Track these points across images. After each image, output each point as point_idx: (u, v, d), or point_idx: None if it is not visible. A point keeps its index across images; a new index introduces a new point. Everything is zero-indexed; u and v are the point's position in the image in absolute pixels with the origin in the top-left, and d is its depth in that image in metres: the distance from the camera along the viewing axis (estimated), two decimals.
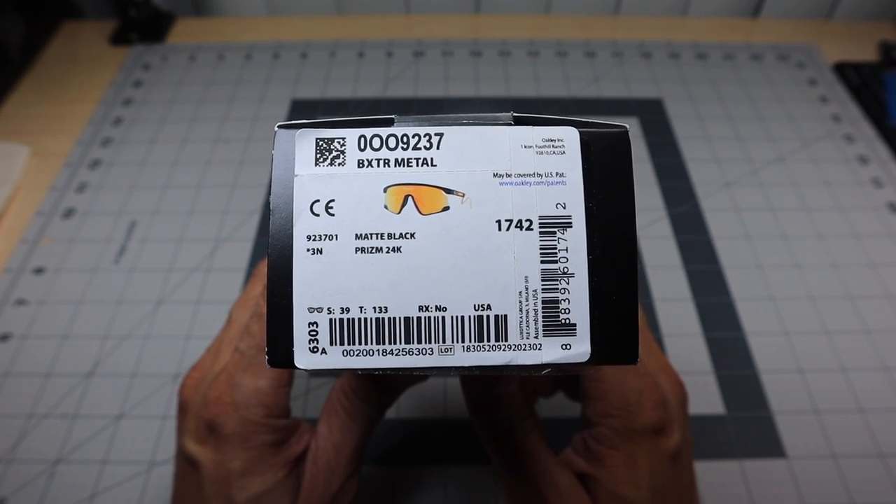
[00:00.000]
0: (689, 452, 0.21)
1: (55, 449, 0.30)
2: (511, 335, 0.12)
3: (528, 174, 0.12)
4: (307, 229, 0.12)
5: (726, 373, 0.33)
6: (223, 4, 0.57)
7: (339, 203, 0.12)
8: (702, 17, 0.57)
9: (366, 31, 0.55)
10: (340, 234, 0.12)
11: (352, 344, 0.12)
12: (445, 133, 0.12)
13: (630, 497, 0.19)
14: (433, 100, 0.48)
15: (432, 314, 0.12)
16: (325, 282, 0.12)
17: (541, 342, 0.12)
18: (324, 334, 0.12)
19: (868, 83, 0.48)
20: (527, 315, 0.12)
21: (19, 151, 0.44)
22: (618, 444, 0.20)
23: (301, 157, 0.12)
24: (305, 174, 0.12)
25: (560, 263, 0.12)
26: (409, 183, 0.12)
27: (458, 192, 0.12)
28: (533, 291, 0.12)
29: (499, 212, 0.12)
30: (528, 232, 0.12)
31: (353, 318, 0.12)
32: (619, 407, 0.20)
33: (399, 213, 0.12)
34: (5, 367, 0.33)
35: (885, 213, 0.40)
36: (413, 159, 0.12)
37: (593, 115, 0.47)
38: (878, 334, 0.34)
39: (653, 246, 0.38)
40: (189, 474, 0.20)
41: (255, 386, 0.19)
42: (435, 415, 0.31)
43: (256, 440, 0.20)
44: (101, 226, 0.40)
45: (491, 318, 0.12)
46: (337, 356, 0.12)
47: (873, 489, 0.29)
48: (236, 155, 0.44)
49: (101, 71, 0.51)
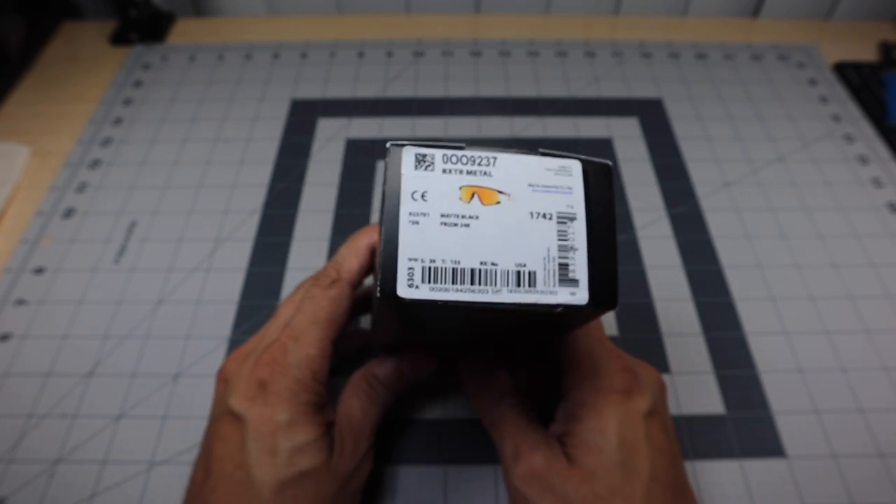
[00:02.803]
0: (670, 430, 0.24)
1: (55, 449, 0.30)
2: (538, 284, 0.18)
3: (550, 186, 0.18)
4: (409, 208, 0.17)
5: (726, 372, 0.33)
6: (223, 4, 0.57)
7: (430, 193, 0.18)
8: (702, 17, 0.57)
9: (366, 31, 0.55)
10: (431, 213, 0.18)
11: (435, 283, 0.17)
12: (499, 157, 0.18)
13: (596, 443, 0.22)
14: (433, 100, 0.48)
15: (488, 267, 0.17)
16: (420, 242, 0.17)
17: (557, 290, 0.18)
18: (417, 276, 0.17)
19: (868, 83, 0.48)
20: (548, 272, 0.18)
21: (19, 151, 0.44)
22: (587, 402, 0.23)
23: (406, 164, 0.18)
24: (409, 174, 0.18)
25: (569, 241, 0.18)
26: (475, 185, 0.18)
27: (507, 192, 0.18)
28: (553, 258, 0.18)
29: (531, 207, 0.18)
30: (549, 221, 0.18)
31: (437, 266, 0.17)
32: (590, 372, 0.23)
33: (469, 202, 0.18)
34: (5, 366, 0.33)
35: (885, 212, 0.40)
36: (478, 170, 0.18)
37: (594, 114, 0.47)
38: (878, 334, 0.34)
39: (653, 246, 0.38)
40: (231, 432, 0.22)
41: (305, 352, 0.23)
42: (435, 415, 0.31)
43: (303, 398, 0.23)
44: (101, 226, 0.40)
45: (525, 272, 0.18)
46: (425, 291, 0.17)
47: (873, 489, 0.29)
48: (236, 155, 0.44)
49: (102, 71, 0.51)
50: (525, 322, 0.20)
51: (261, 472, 0.21)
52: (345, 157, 0.44)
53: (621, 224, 0.39)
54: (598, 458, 0.21)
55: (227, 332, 0.34)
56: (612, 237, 0.18)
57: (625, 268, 0.37)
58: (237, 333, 0.34)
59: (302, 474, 0.22)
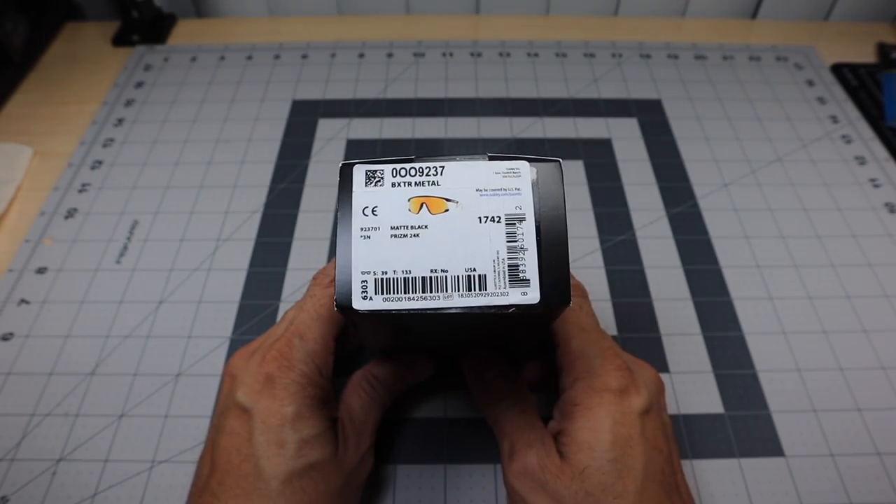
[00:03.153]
0: (667, 428, 0.25)
1: (57, 448, 0.30)
2: (489, 286, 0.18)
3: (497, 189, 0.19)
4: (361, 223, 0.18)
5: (725, 372, 0.33)
6: (224, 6, 0.57)
7: (380, 208, 0.18)
8: (700, 19, 0.57)
9: (366, 32, 0.55)
10: (381, 227, 0.18)
11: (388, 293, 0.18)
12: (446, 166, 0.19)
13: (588, 441, 0.22)
14: (433, 101, 0.48)
15: (438, 274, 0.18)
16: (372, 256, 0.18)
17: (508, 291, 0.18)
18: (371, 288, 0.18)
19: (865, 84, 0.49)
20: (498, 274, 0.18)
21: (22, 152, 0.44)
22: (582, 400, 0.23)
23: (357, 181, 0.19)
24: (360, 191, 0.19)
25: (518, 242, 0.18)
26: (423, 195, 0.18)
27: (455, 200, 0.18)
28: (502, 259, 0.18)
29: (480, 212, 0.18)
30: (498, 224, 0.18)
31: (388, 277, 0.18)
32: (584, 371, 0.23)
33: (418, 213, 0.18)
34: (8, 366, 0.33)
35: (883, 212, 0.40)
36: (426, 181, 0.19)
37: (593, 115, 0.47)
38: (876, 333, 0.34)
39: (651, 246, 0.38)
40: (239, 425, 0.23)
41: (310, 348, 0.24)
42: (435, 414, 0.31)
43: (310, 391, 0.23)
44: (102, 226, 0.40)
45: (475, 276, 0.18)
46: (379, 302, 0.18)
47: (870, 487, 0.29)
48: (237, 155, 0.44)
49: (104, 72, 0.51)
50: (490, 323, 0.20)
51: (269, 463, 0.22)
52: (345, 158, 0.44)
53: (621, 224, 0.40)
54: (589, 456, 0.22)
55: (228, 332, 0.34)
56: (563, 235, 0.18)
57: (624, 268, 0.37)
58: (238, 333, 0.34)
59: (310, 466, 0.22)
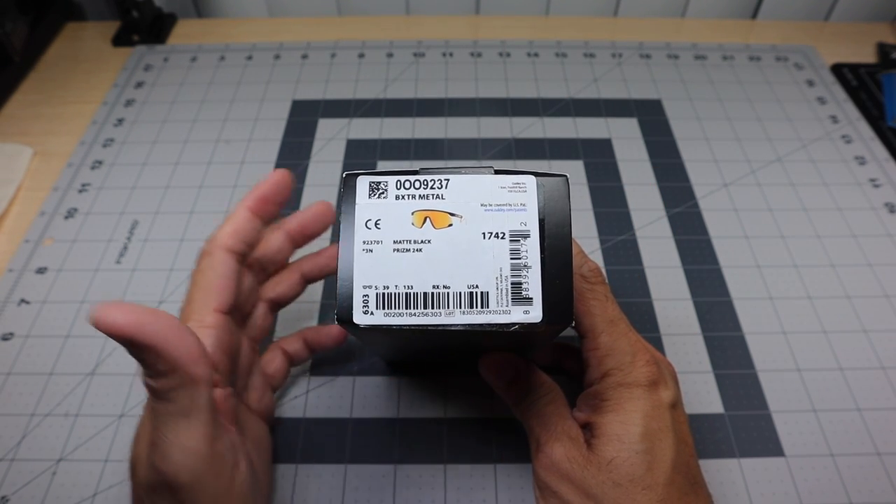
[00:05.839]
0: (685, 420, 0.25)
1: (57, 448, 0.30)
2: (491, 304, 0.18)
3: (502, 204, 0.18)
4: (363, 237, 0.18)
5: (725, 372, 0.33)
6: (224, 6, 0.57)
7: (383, 221, 0.18)
8: (700, 19, 0.57)
9: (366, 33, 0.55)
10: (384, 240, 0.18)
11: (390, 308, 0.17)
12: (451, 179, 0.18)
13: (617, 433, 0.22)
14: (433, 101, 0.48)
15: (441, 291, 0.18)
16: (374, 270, 0.18)
17: (510, 309, 0.18)
18: (372, 303, 0.17)
19: (865, 84, 0.49)
20: (501, 292, 0.18)
21: (22, 152, 0.44)
22: (612, 395, 0.23)
23: (361, 193, 0.18)
24: (363, 203, 0.18)
25: (522, 259, 0.18)
26: (427, 209, 0.18)
27: (459, 214, 0.18)
28: (505, 277, 0.18)
29: (484, 227, 0.18)
30: (502, 240, 0.18)
31: (390, 292, 0.18)
32: (615, 367, 0.23)
33: (421, 227, 0.18)
34: (8, 366, 0.33)
35: (883, 212, 0.40)
36: (430, 194, 0.18)
37: (593, 115, 0.47)
38: (876, 333, 0.34)
39: (651, 246, 0.38)
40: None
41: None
42: (435, 415, 0.31)
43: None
44: (103, 226, 0.40)
45: (478, 293, 0.18)
46: (380, 316, 0.17)
47: (870, 487, 0.29)
48: (237, 155, 0.44)
49: (103, 72, 0.51)
50: (492, 337, 0.20)
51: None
52: (345, 158, 0.44)
53: (621, 224, 0.40)
54: (618, 448, 0.22)
55: None
56: (568, 254, 0.18)
57: (624, 268, 0.37)
58: None
59: None
